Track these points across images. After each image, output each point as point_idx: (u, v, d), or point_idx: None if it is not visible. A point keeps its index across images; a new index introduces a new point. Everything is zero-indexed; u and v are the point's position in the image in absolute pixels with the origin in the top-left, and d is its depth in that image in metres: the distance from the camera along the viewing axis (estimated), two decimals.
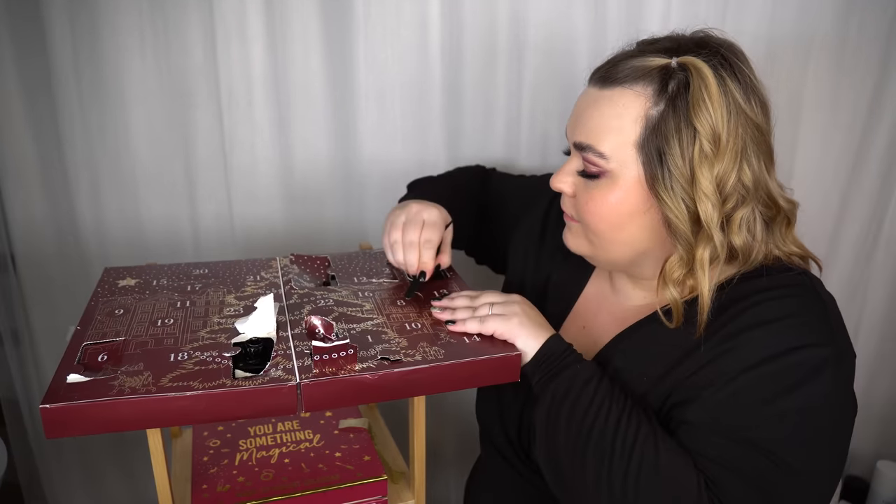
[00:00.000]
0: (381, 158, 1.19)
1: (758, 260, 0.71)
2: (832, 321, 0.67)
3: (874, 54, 1.28)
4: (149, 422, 0.61)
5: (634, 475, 0.63)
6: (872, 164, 1.35)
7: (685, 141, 0.66)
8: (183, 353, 0.67)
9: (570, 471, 0.67)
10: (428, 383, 0.68)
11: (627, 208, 0.70)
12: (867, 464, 1.57)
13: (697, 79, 0.66)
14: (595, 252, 0.77)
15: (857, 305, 1.46)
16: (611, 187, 0.70)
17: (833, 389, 0.65)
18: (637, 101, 0.68)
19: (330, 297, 0.81)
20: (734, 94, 0.66)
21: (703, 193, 0.66)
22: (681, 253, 0.69)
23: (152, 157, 1.12)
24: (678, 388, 0.69)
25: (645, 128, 0.68)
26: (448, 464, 1.41)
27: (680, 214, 0.67)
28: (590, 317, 0.85)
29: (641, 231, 0.72)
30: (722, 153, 0.66)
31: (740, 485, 0.63)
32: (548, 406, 0.69)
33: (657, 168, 0.67)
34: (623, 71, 0.69)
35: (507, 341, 0.72)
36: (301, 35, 1.10)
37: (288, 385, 0.62)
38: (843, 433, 0.67)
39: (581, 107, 0.74)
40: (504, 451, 0.88)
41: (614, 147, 0.69)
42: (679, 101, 0.66)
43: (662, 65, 0.68)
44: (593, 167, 0.71)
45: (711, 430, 0.65)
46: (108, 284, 0.82)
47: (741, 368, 0.65)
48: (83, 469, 1.26)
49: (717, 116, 0.65)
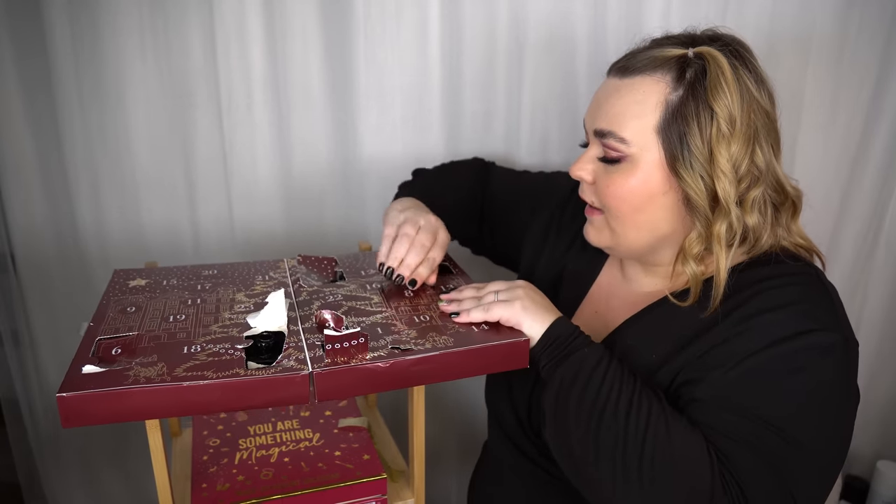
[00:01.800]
0: (380, 159, 1.19)
1: (766, 246, 0.75)
2: (837, 310, 0.71)
3: (874, 53, 1.28)
4: (163, 411, 0.61)
5: (650, 457, 0.64)
6: (872, 163, 1.35)
7: (704, 122, 0.70)
8: (196, 345, 0.67)
9: (583, 455, 0.68)
10: (438, 371, 0.68)
11: (648, 190, 0.74)
12: (867, 464, 1.57)
13: (714, 66, 0.70)
14: (617, 241, 0.79)
15: (858, 304, 1.46)
16: (631, 171, 0.74)
17: (839, 373, 0.68)
18: (657, 87, 0.72)
19: (339, 293, 0.82)
20: (747, 82, 0.71)
21: (720, 171, 0.70)
22: (699, 229, 0.73)
23: (152, 158, 1.12)
24: (687, 368, 0.71)
25: (665, 112, 0.72)
26: (448, 463, 1.41)
27: (699, 191, 0.71)
28: (602, 303, 0.87)
29: (660, 212, 0.75)
30: (737, 135, 0.70)
31: (751, 458, 0.65)
32: (556, 391, 0.70)
33: (677, 149, 0.71)
34: (642, 61, 0.74)
35: (515, 328, 0.73)
36: (301, 36, 1.10)
37: (301, 374, 0.63)
38: (847, 416, 0.70)
39: (602, 96, 0.77)
40: (513, 434, 0.88)
41: (636, 131, 0.73)
42: (697, 87, 0.71)
43: (680, 54, 0.73)
44: (614, 152, 0.75)
45: (721, 407, 0.67)
46: (118, 285, 0.83)
47: (751, 350, 0.68)
48: (83, 469, 1.26)
49: (733, 101, 0.70)
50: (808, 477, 0.66)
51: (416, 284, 0.81)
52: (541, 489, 0.86)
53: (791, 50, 1.26)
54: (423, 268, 0.81)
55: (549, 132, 1.25)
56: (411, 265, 0.81)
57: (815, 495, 0.67)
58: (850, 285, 1.45)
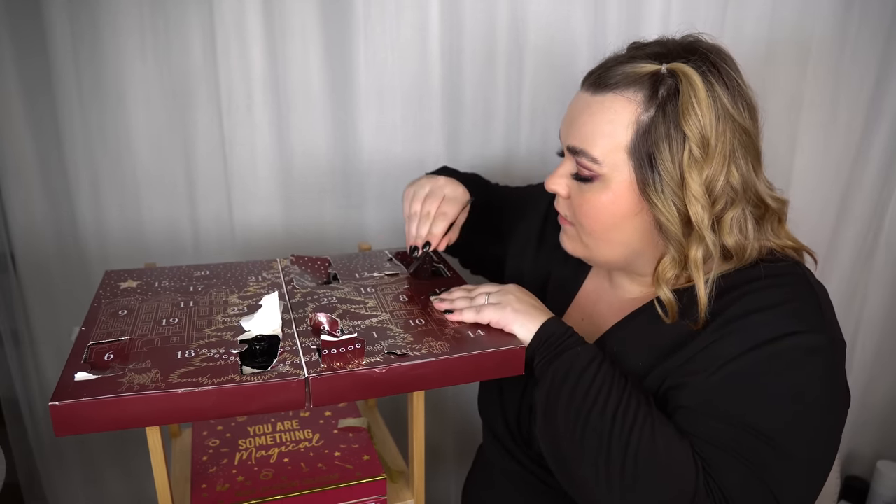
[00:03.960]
0: (380, 159, 1.19)
1: (752, 256, 0.73)
2: (824, 310, 0.69)
3: (873, 54, 1.28)
4: (158, 418, 0.61)
5: (633, 458, 0.64)
6: (872, 163, 1.35)
7: (675, 146, 0.68)
8: (190, 350, 0.67)
9: (570, 453, 0.68)
10: (434, 377, 0.68)
11: (620, 210, 0.72)
12: (867, 464, 1.58)
13: (686, 85, 0.67)
14: (590, 253, 0.78)
15: (857, 305, 1.46)
16: (603, 190, 0.72)
17: (825, 375, 0.66)
18: (628, 106, 0.70)
19: (333, 295, 0.81)
20: (722, 98, 0.68)
21: (692, 196, 0.68)
22: (673, 254, 0.71)
23: (152, 157, 1.12)
24: (673, 373, 0.70)
25: (636, 133, 0.69)
26: (447, 464, 1.41)
27: (671, 217, 0.69)
28: (589, 308, 0.86)
29: (634, 232, 0.73)
30: (710, 157, 0.68)
31: (734, 465, 0.65)
32: (548, 388, 0.70)
33: (648, 172, 0.69)
34: (614, 77, 0.71)
35: (512, 335, 0.73)
36: (301, 36, 1.10)
37: (297, 380, 0.63)
38: (835, 419, 0.69)
39: (574, 111, 0.75)
40: (504, 441, 0.88)
41: (606, 152, 0.71)
42: (669, 107, 0.68)
43: (652, 71, 0.70)
44: (586, 171, 0.73)
45: (706, 413, 0.67)
46: (109, 287, 0.82)
47: (735, 353, 0.67)
48: (83, 469, 1.26)
49: (706, 121, 0.67)
50: (793, 482, 0.65)
51: (430, 246, 0.84)
52: (532, 495, 0.85)
53: (791, 50, 1.26)
54: (436, 226, 0.84)
55: (549, 132, 1.25)
56: (422, 235, 0.85)
57: (801, 498, 0.66)
58: (850, 286, 1.45)
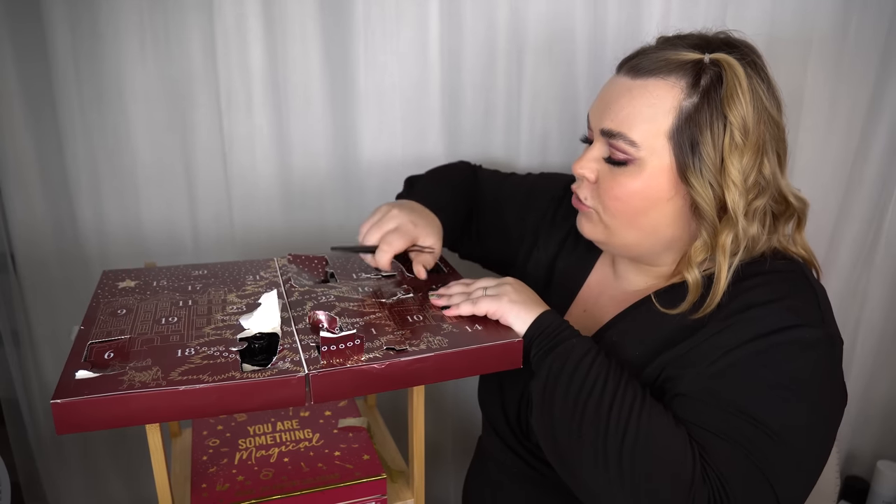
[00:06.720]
0: (380, 160, 1.19)
1: (760, 250, 0.75)
2: (822, 307, 0.71)
3: (873, 54, 1.28)
4: (160, 415, 0.61)
5: (630, 447, 0.64)
6: (872, 163, 1.35)
7: (717, 132, 0.70)
8: (190, 348, 0.67)
9: (567, 444, 0.68)
10: (433, 372, 0.69)
11: (652, 194, 0.73)
12: (867, 464, 1.57)
13: (731, 75, 0.70)
14: (610, 238, 0.79)
15: (857, 305, 1.46)
16: (637, 174, 0.73)
17: (822, 368, 0.68)
18: (671, 92, 0.71)
19: (331, 294, 0.82)
20: (760, 93, 0.70)
21: (731, 181, 0.70)
22: (705, 238, 0.73)
23: (152, 157, 1.12)
24: (672, 364, 0.72)
25: (678, 118, 0.71)
26: (447, 463, 1.41)
27: (708, 199, 0.71)
28: (591, 301, 0.87)
29: (663, 217, 0.74)
30: (749, 145, 0.70)
31: (731, 453, 0.65)
32: (544, 379, 0.71)
33: (689, 157, 0.71)
34: (655, 62, 0.72)
35: (509, 329, 0.74)
36: (300, 36, 1.10)
37: (297, 376, 0.63)
38: (831, 413, 0.70)
39: (611, 95, 0.76)
40: (504, 436, 0.89)
41: (646, 135, 0.72)
42: (713, 94, 0.70)
43: (695, 59, 0.72)
44: (621, 154, 0.74)
45: (704, 402, 0.68)
46: (107, 287, 0.82)
47: (734, 344, 0.68)
48: (83, 469, 1.26)
49: (748, 111, 0.69)
50: (788, 471, 0.66)
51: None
52: (531, 487, 0.86)
53: (791, 50, 1.26)
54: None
55: (549, 132, 1.25)
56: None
57: (796, 488, 0.67)
58: (850, 286, 1.45)
